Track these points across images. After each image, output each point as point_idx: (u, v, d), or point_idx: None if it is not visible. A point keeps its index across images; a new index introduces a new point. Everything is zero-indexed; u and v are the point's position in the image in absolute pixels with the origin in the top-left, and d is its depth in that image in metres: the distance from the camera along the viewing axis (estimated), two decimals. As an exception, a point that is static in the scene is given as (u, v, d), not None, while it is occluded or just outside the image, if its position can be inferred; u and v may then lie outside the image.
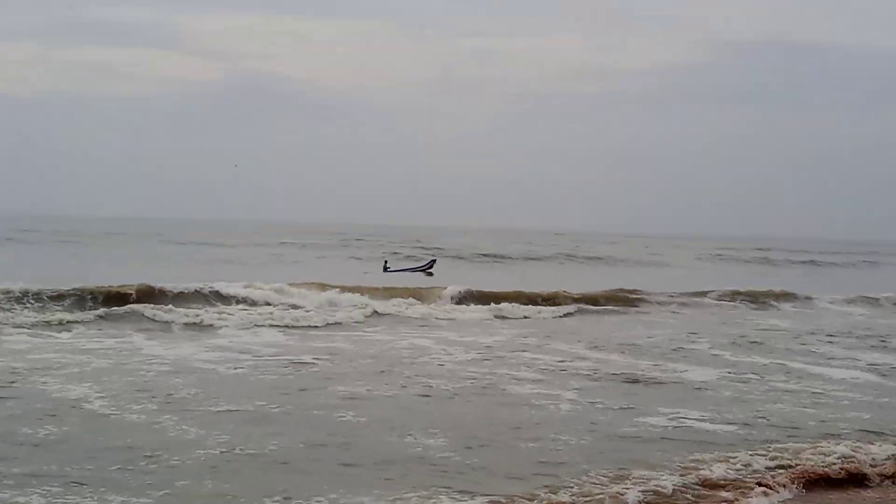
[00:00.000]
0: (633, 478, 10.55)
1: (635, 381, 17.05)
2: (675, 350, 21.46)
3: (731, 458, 11.55)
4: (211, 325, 23.52)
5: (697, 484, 10.45)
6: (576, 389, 16.01)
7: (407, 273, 50.37)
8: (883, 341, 24.59)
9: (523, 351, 20.69)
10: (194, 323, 23.76)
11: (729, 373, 18.31)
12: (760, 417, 14.24)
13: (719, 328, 26.81)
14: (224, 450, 11.24)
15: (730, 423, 13.74)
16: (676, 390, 16.37)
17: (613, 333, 24.73)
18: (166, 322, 23.66)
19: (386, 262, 54.61)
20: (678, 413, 14.28)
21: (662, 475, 10.66)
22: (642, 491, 10.07)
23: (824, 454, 11.80)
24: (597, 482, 10.36)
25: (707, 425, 13.61)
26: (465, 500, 9.63)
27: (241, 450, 11.27)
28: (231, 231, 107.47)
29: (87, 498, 9.31)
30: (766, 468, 11.20)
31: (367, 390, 15.38)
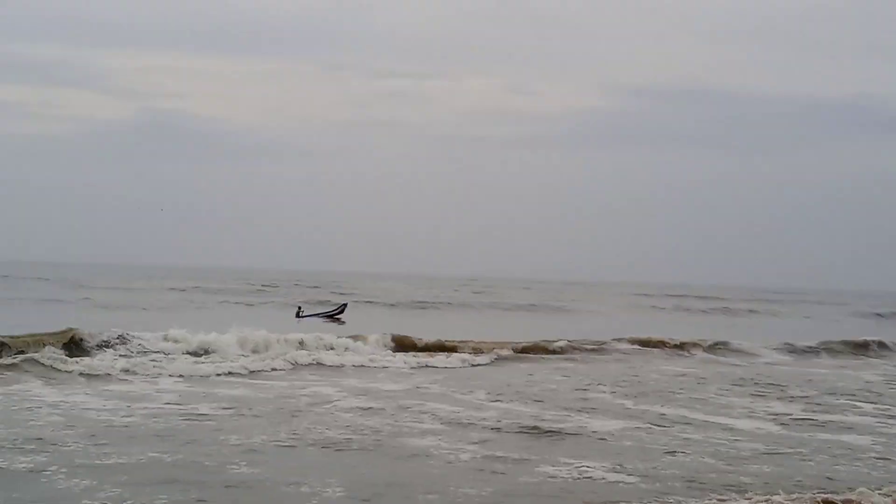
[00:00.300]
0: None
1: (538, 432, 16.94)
2: (581, 399, 21.44)
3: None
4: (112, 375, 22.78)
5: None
6: (476, 442, 15.85)
7: (319, 319, 49.86)
8: (783, 391, 24.88)
9: (427, 401, 20.48)
10: (96, 374, 22.90)
11: (633, 423, 18.32)
12: (662, 469, 14.23)
13: (626, 376, 26.89)
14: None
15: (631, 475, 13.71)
16: (580, 441, 16.32)
17: (528, 382, 24.64)
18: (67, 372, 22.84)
19: (300, 308, 54.05)
20: (580, 464, 14.22)
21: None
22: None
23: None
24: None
25: (610, 476, 13.57)
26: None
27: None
28: (142, 275, 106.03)
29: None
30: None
31: (262, 440, 15.06)
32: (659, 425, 18.14)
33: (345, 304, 53.81)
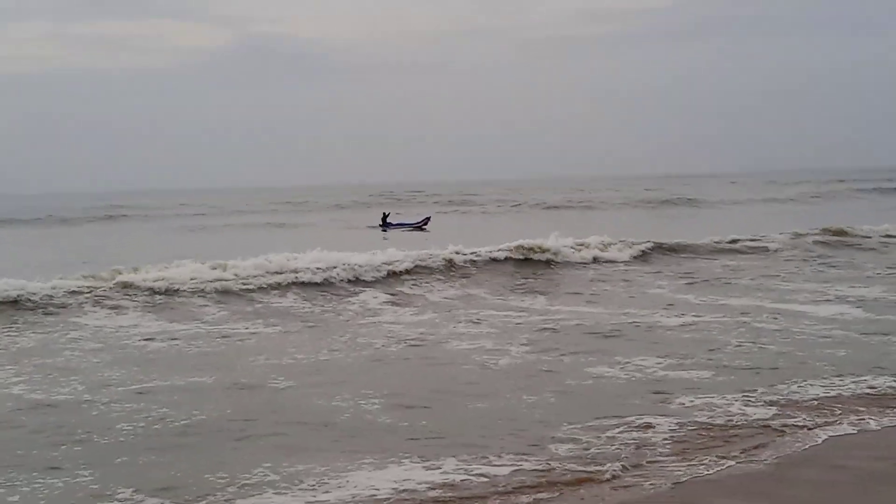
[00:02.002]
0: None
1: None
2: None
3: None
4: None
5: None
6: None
7: (403, 230, 48.51)
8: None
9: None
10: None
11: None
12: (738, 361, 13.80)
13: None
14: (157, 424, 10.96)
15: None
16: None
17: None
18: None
19: (385, 214, 52.44)
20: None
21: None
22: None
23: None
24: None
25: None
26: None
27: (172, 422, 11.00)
28: (254, 197, 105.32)
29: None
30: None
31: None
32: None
33: (428, 217, 52.60)
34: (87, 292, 19.98)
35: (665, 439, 9.98)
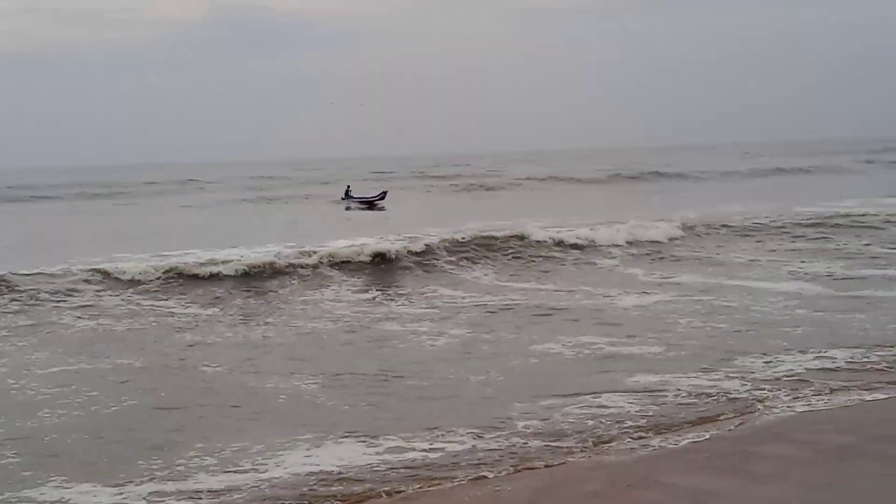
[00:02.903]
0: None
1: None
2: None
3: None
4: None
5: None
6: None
7: (360, 207, 47.00)
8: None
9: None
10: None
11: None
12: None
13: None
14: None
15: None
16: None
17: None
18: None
19: (348, 187, 51.07)
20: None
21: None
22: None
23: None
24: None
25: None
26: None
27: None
28: (232, 172, 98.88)
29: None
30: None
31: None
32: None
33: (385, 192, 51.63)
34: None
35: (627, 415, 9.67)
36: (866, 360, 11.75)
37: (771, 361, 11.83)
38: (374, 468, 8.26)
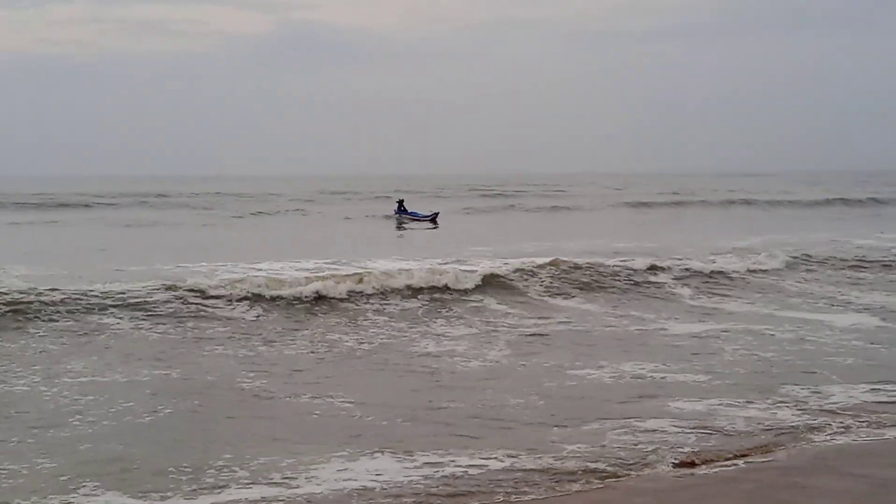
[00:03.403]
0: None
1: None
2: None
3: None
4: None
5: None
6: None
7: (415, 221, 46.71)
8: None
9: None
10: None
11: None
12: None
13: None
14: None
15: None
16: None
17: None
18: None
19: (400, 202, 49.91)
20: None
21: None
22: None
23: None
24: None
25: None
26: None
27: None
28: (295, 186, 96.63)
29: None
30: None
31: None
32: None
33: (437, 213, 51.38)
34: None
35: (670, 440, 9.40)
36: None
37: (820, 392, 11.46)
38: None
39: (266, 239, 36.64)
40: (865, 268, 24.13)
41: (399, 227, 44.83)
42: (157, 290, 17.39)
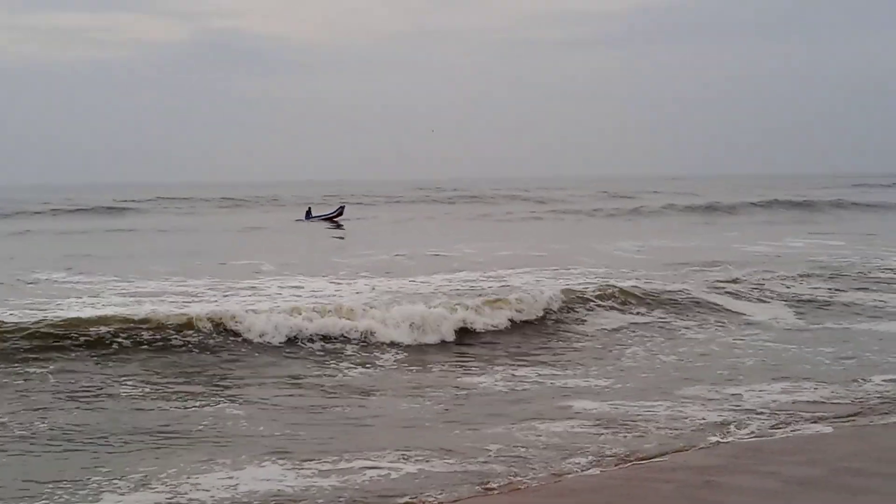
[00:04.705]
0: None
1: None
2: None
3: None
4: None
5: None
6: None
7: (323, 222, 48.22)
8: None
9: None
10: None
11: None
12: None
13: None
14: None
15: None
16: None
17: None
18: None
19: (309, 208, 51.75)
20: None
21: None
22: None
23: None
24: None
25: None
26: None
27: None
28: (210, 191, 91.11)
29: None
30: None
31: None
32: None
33: (342, 206, 51.94)
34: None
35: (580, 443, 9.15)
36: (833, 394, 11.25)
37: (739, 393, 11.27)
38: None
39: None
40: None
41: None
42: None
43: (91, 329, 13.68)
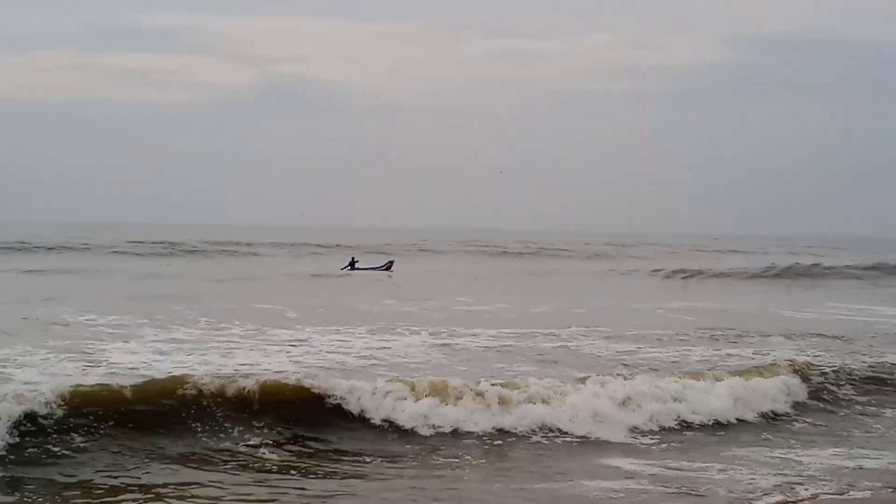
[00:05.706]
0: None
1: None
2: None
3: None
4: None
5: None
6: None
7: (370, 272, 48.61)
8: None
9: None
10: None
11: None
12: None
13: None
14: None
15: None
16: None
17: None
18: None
19: (353, 258, 52.09)
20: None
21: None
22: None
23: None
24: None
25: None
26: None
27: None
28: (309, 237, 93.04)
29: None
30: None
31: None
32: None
33: (392, 261, 52.77)
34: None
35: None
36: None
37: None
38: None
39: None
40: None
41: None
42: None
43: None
